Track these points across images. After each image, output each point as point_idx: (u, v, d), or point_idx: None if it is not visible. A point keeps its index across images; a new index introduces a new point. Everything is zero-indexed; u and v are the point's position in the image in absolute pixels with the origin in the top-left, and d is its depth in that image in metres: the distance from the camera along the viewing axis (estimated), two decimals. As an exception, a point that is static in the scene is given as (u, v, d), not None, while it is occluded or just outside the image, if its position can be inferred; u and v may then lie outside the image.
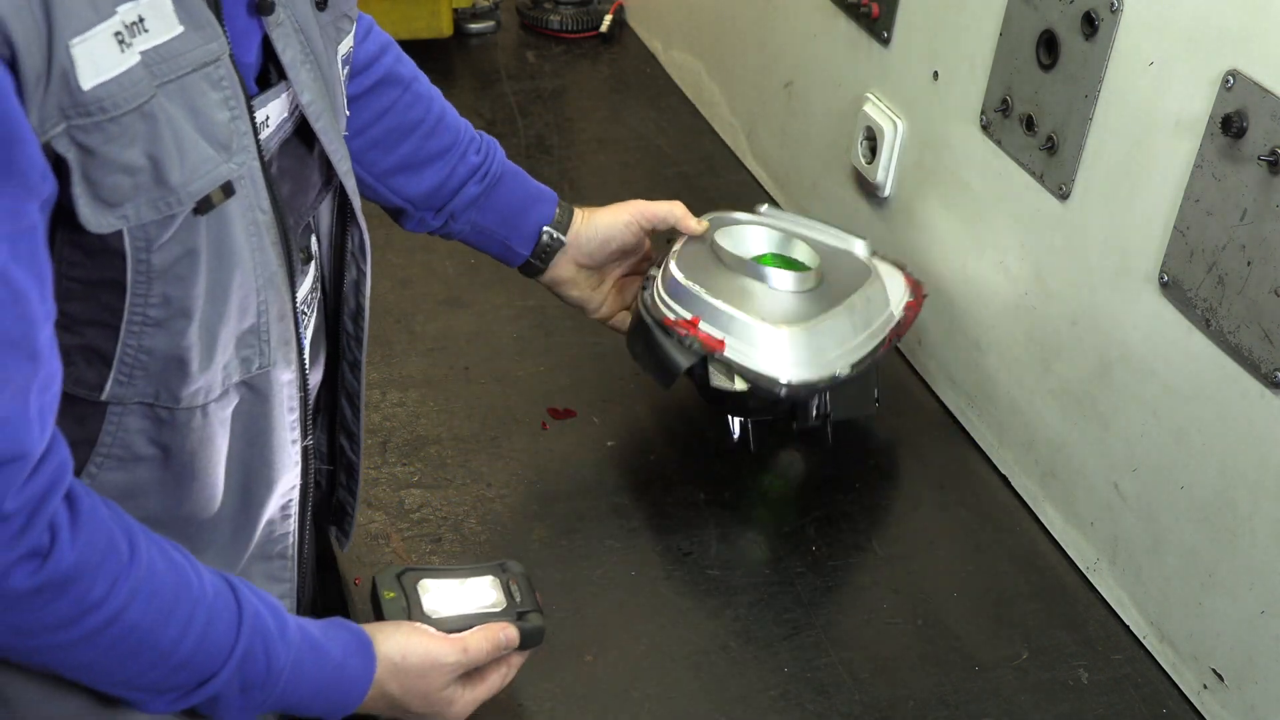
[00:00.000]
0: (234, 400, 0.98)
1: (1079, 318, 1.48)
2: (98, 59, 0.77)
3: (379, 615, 1.17)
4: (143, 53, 0.80)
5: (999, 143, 1.56)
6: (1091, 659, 1.41)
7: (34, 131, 0.76)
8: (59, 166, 0.80)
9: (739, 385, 1.44)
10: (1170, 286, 1.32)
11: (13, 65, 0.73)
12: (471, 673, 1.15)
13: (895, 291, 1.60)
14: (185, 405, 0.93)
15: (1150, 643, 1.43)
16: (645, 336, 1.45)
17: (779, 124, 2.11)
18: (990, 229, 1.61)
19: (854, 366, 1.47)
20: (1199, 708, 1.37)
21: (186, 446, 0.96)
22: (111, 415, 0.91)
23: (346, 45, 1.07)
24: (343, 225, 1.09)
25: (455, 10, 2.56)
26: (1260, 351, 1.22)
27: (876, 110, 1.79)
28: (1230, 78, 1.21)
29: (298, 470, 1.09)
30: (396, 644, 1.08)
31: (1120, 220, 1.39)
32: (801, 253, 1.58)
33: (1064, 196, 1.47)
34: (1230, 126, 1.20)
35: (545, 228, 1.44)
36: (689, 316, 1.43)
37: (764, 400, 1.45)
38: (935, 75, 1.67)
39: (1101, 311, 1.44)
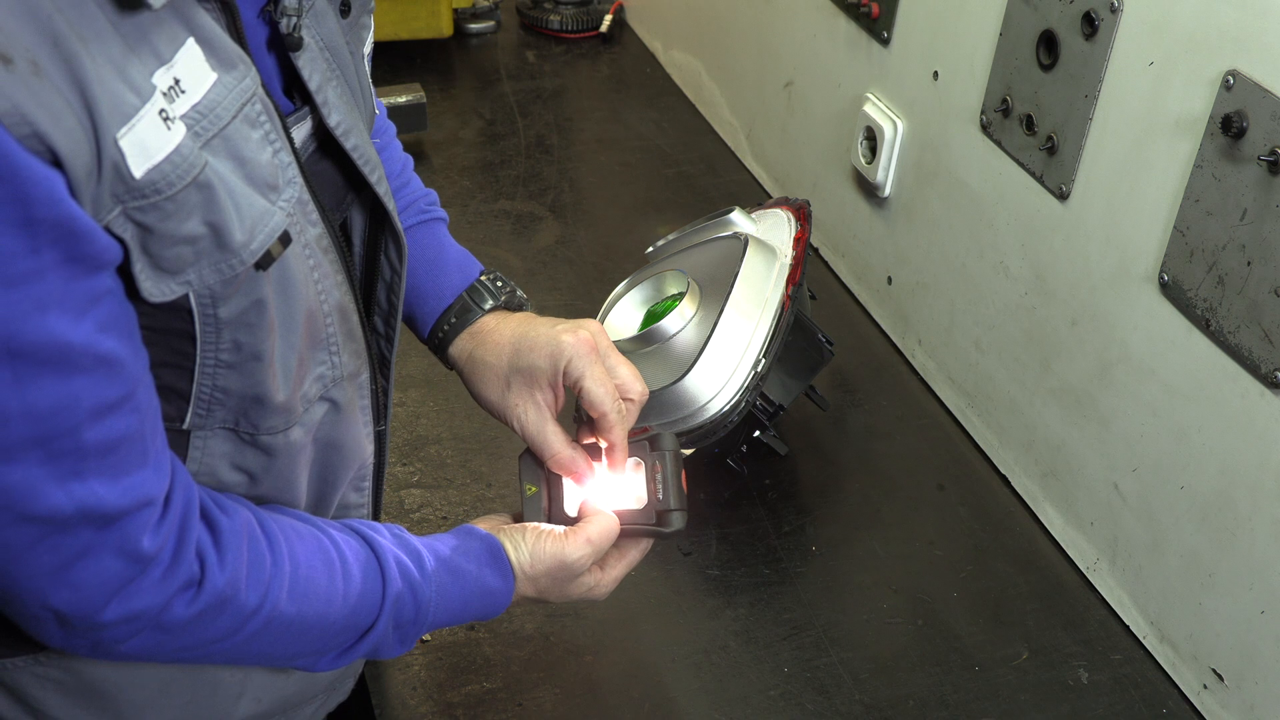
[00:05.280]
0: (313, 416, 1.00)
1: (1079, 318, 1.48)
2: (146, 144, 0.76)
3: (521, 506, 1.17)
4: (184, 117, 0.79)
5: (999, 143, 1.56)
6: (1091, 659, 1.41)
7: (91, 218, 0.75)
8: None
9: (687, 450, 1.45)
10: (1170, 286, 1.32)
11: (59, 165, 0.72)
12: (609, 551, 1.16)
13: (781, 236, 1.57)
14: (266, 433, 0.95)
15: (1150, 643, 1.43)
16: None
17: (779, 124, 2.11)
18: (990, 229, 1.61)
19: (766, 352, 1.45)
20: (1199, 708, 1.37)
21: (271, 470, 0.97)
22: (195, 441, 0.92)
23: (370, 43, 1.06)
24: (376, 228, 1.09)
25: (455, 10, 2.56)
26: (1260, 351, 1.22)
27: (876, 110, 1.79)
28: (1230, 78, 1.21)
29: (372, 450, 1.12)
30: (524, 552, 1.10)
31: (1120, 220, 1.39)
32: (672, 283, 1.56)
33: (1064, 196, 1.47)
34: (1230, 126, 1.20)
35: (426, 344, 1.25)
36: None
37: (728, 434, 1.44)
38: (935, 75, 1.67)
39: (1101, 311, 1.44)
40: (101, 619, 0.84)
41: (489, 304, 1.22)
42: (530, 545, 1.10)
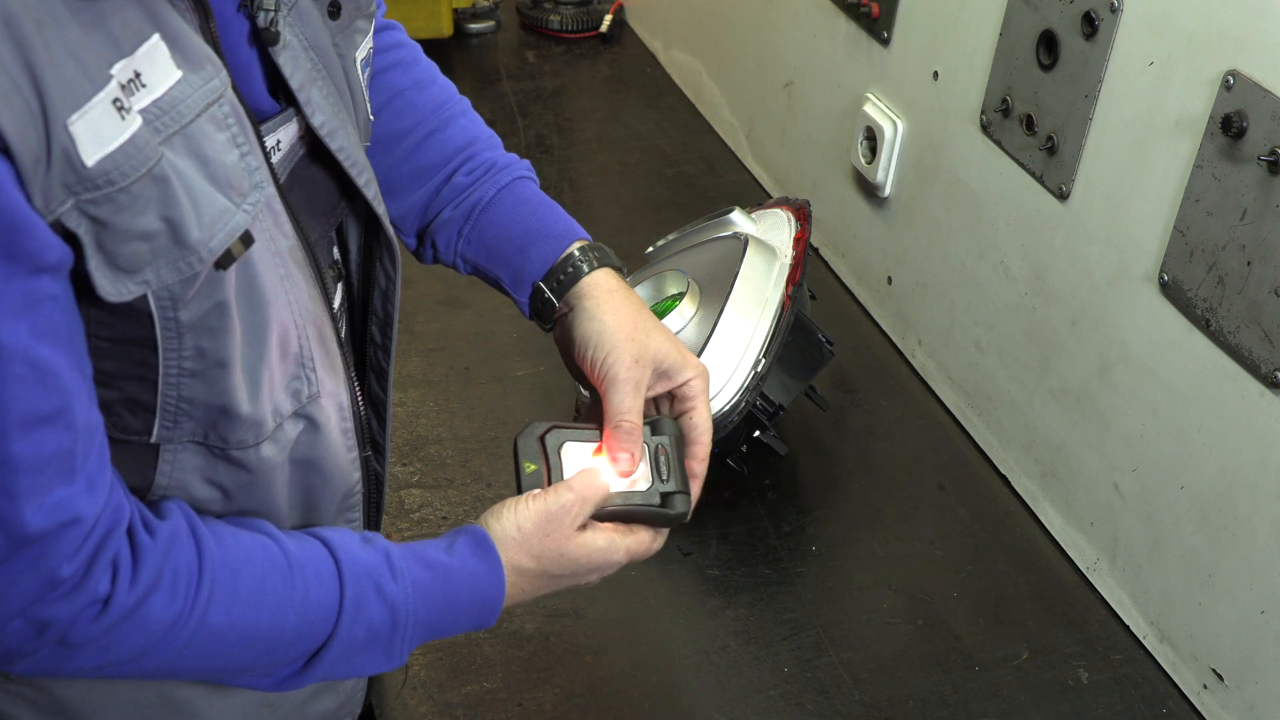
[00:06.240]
0: (287, 434, 0.96)
1: (1079, 318, 1.48)
2: (99, 132, 0.74)
3: (518, 487, 1.09)
4: (142, 111, 0.77)
5: (999, 143, 1.56)
6: (1091, 659, 1.42)
7: (40, 212, 0.73)
8: (71, 240, 0.76)
9: None
10: (1170, 286, 1.32)
11: (6, 151, 0.70)
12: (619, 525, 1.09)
13: (781, 236, 1.57)
14: (236, 447, 0.92)
15: (1150, 643, 1.43)
16: None
17: (779, 124, 2.11)
18: (990, 229, 1.61)
19: (766, 352, 1.44)
20: (1199, 708, 1.37)
21: (246, 488, 0.94)
22: (165, 455, 0.90)
23: (365, 48, 1.04)
24: (370, 236, 1.07)
25: (455, 10, 2.56)
26: (1260, 351, 1.22)
27: (876, 110, 1.79)
28: (1230, 78, 1.21)
29: (359, 478, 1.06)
30: (509, 520, 1.03)
31: (1120, 220, 1.39)
32: (672, 283, 1.55)
33: (1064, 196, 1.47)
34: (1230, 126, 1.20)
35: (539, 282, 1.16)
36: None
37: (728, 434, 1.44)
38: (935, 75, 1.67)
39: (1101, 311, 1.44)
40: (7, 629, 0.81)
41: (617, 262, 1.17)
42: (514, 509, 1.03)
